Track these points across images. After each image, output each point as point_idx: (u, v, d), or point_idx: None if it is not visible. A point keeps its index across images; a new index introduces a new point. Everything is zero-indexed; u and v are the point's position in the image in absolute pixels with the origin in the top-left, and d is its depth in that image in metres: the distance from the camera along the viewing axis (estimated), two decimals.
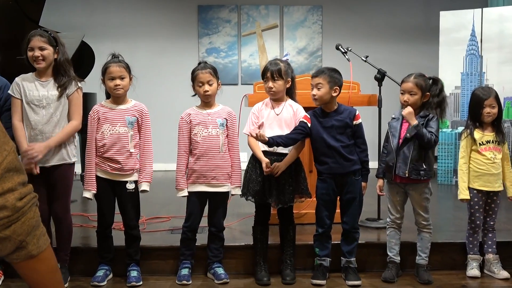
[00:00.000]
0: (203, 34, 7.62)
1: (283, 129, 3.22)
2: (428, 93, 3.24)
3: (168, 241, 3.57)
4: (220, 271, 3.27)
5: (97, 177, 3.20)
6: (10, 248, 1.25)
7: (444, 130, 6.05)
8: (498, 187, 3.37)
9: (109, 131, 3.18)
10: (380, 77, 4.06)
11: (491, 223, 3.42)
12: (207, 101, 3.31)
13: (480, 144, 3.34)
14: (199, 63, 3.33)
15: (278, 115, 3.26)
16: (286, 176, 3.20)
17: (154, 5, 7.61)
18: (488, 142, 3.35)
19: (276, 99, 3.29)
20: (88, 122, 3.23)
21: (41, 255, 1.30)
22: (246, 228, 3.74)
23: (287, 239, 3.33)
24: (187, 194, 3.28)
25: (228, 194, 3.33)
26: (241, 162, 3.37)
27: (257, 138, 3.05)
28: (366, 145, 3.27)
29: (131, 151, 3.20)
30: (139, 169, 3.25)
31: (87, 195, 3.19)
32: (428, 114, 3.22)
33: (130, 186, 3.21)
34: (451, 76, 6.12)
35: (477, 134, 3.36)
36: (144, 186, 3.24)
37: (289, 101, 3.31)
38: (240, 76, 7.62)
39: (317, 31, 7.70)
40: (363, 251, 3.44)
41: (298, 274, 3.31)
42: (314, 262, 3.30)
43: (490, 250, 3.41)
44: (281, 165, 3.16)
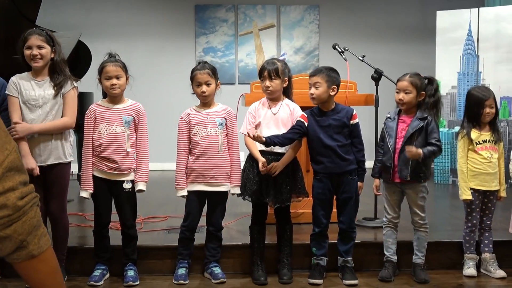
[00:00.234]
0: (200, 34, 7.61)
1: (280, 128, 3.22)
2: (423, 92, 3.25)
3: (165, 241, 3.57)
4: (217, 270, 3.27)
5: (93, 177, 3.19)
6: (10, 247, 1.24)
7: (441, 129, 6.04)
8: (495, 186, 3.38)
9: (106, 130, 3.17)
10: (377, 76, 4.06)
11: (488, 222, 3.43)
12: (205, 102, 3.30)
13: (476, 144, 3.35)
14: (199, 63, 3.32)
15: (275, 114, 3.26)
16: (283, 175, 3.20)
17: (151, 4, 7.59)
18: (485, 141, 3.36)
19: (273, 99, 3.29)
20: (85, 121, 3.22)
21: (42, 255, 1.29)
22: (243, 228, 3.74)
23: (284, 239, 3.34)
24: (186, 193, 3.28)
25: (227, 193, 3.33)
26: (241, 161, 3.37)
27: (254, 138, 3.05)
28: (363, 145, 3.27)
29: (127, 150, 3.19)
30: (136, 169, 3.24)
31: (84, 194, 3.19)
32: (426, 116, 3.23)
33: (127, 186, 3.21)
34: (447, 76, 6.13)
35: (473, 133, 3.36)
36: (141, 186, 3.23)
37: (286, 100, 3.32)
38: (237, 76, 7.62)
39: (314, 31, 7.71)
40: (360, 251, 3.44)
41: (295, 274, 3.32)
42: (311, 262, 3.31)
43: (486, 249, 3.42)
44: (278, 164, 3.16)
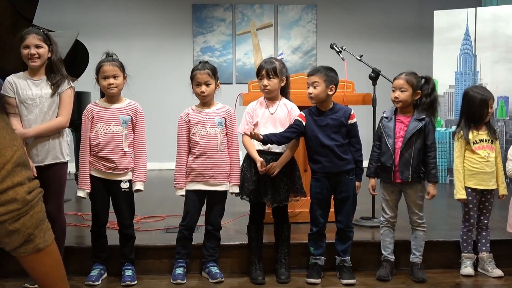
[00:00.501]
0: (197, 33, 7.60)
1: (278, 128, 3.22)
2: (419, 91, 3.25)
3: (163, 240, 3.57)
4: (215, 270, 3.27)
5: (91, 176, 3.19)
6: (18, 241, 1.28)
7: (438, 129, 6.06)
8: (492, 185, 3.39)
9: (103, 130, 3.17)
10: (375, 76, 4.07)
11: (485, 221, 3.44)
12: (204, 102, 3.30)
13: (474, 143, 3.36)
14: (199, 63, 3.31)
15: (272, 114, 3.26)
16: (281, 175, 3.20)
17: (148, 4, 7.59)
18: (482, 140, 3.37)
19: (270, 98, 3.29)
20: (82, 121, 3.22)
21: (47, 248, 1.34)
22: (241, 227, 3.74)
23: (282, 238, 3.34)
24: (184, 193, 3.28)
25: (226, 193, 3.33)
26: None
27: (251, 136, 3.05)
28: (361, 144, 3.27)
29: (125, 150, 3.19)
30: (133, 168, 3.24)
31: (81, 194, 3.18)
32: (423, 117, 3.24)
33: (125, 185, 3.20)
34: (445, 75, 6.14)
35: (470, 133, 3.37)
36: (138, 186, 3.23)
37: (284, 100, 3.32)
38: (234, 75, 7.62)
39: (311, 30, 7.71)
40: (358, 250, 3.45)
41: (292, 273, 3.32)
42: (309, 261, 3.31)
43: (484, 248, 3.43)
44: (277, 164, 3.16)
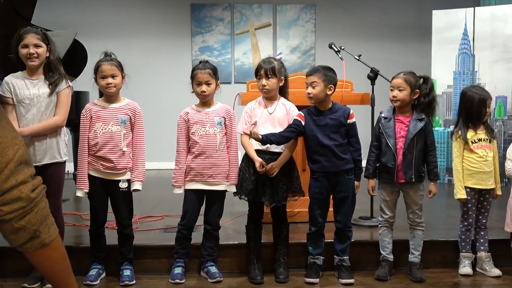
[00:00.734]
0: (196, 33, 7.60)
1: (276, 128, 3.22)
2: (418, 90, 3.26)
3: (161, 240, 3.57)
4: (214, 269, 3.27)
5: (89, 176, 3.18)
6: (25, 237, 1.31)
7: (436, 128, 6.07)
8: (491, 185, 3.39)
9: (102, 129, 3.16)
10: (373, 76, 4.07)
11: (483, 221, 3.44)
12: (204, 101, 3.30)
13: (472, 142, 3.36)
14: (200, 62, 3.31)
15: (271, 114, 3.26)
16: (279, 175, 3.20)
17: (147, 3, 7.58)
18: (480, 140, 3.37)
19: (269, 98, 3.29)
20: (81, 120, 3.21)
21: (52, 243, 1.37)
22: (239, 227, 3.74)
23: (281, 238, 3.34)
24: (182, 191, 3.28)
25: (225, 192, 3.32)
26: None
27: (250, 135, 3.05)
28: (360, 144, 3.27)
29: (123, 150, 3.19)
30: (132, 168, 3.24)
31: (80, 194, 3.18)
32: (423, 117, 3.25)
33: (123, 185, 3.20)
34: (443, 75, 6.14)
35: (468, 133, 3.38)
36: (137, 186, 3.22)
37: (282, 100, 3.31)
38: (233, 75, 7.61)
39: (310, 30, 7.71)
40: (356, 250, 3.45)
41: (291, 273, 3.32)
42: (308, 261, 3.31)
43: (482, 248, 3.43)
44: (276, 165, 3.16)
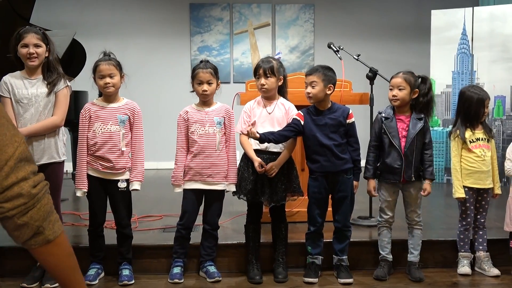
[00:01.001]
0: (195, 32, 7.60)
1: (275, 127, 3.22)
2: (417, 89, 3.26)
3: (160, 240, 3.57)
4: (213, 269, 3.27)
5: (88, 176, 3.18)
6: (28, 234, 1.33)
7: (435, 128, 6.08)
8: (489, 184, 3.40)
9: (101, 129, 3.16)
10: (372, 75, 4.07)
11: (482, 220, 3.44)
12: (205, 100, 3.30)
13: (470, 142, 3.37)
14: (201, 61, 3.31)
15: (270, 113, 3.26)
16: (278, 174, 3.20)
17: (145, 3, 7.58)
18: (478, 139, 3.38)
19: (268, 98, 3.29)
20: (80, 120, 3.21)
21: (57, 239, 1.38)
22: (238, 227, 3.74)
23: (279, 238, 3.34)
24: (182, 191, 3.28)
25: (224, 192, 3.32)
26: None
27: (248, 135, 3.05)
28: (359, 144, 3.27)
29: (122, 149, 3.18)
30: (131, 168, 3.23)
31: (79, 193, 3.18)
32: (422, 117, 3.27)
33: (122, 185, 3.20)
34: (442, 75, 6.15)
35: (466, 132, 3.38)
36: (136, 186, 3.22)
37: (281, 99, 3.31)
38: (232, 75, 7.61)
39: (309, 30, 7.71)
40: (355, 249, 3.45)
41: (290, 272, 3.32)
42: (306, 260, 3.31)
43: (480, 247, 3.43)
44: (275, 165, 3.17)
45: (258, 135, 3.06)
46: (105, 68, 3.14)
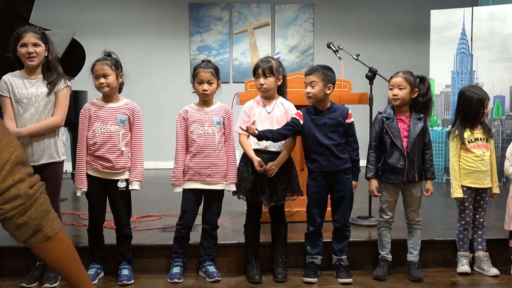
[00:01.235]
0: (194, 32, 7.60)
1: (274, 127, 3.22)
2: (417, 89, 3.27)
3: (160, 240, 3.57)
4: (212, 269, 3.27)
5: (88, 176, 3.18)
6: (28, 232, 1.39)
7: (434, 128, 6.08)
8: (487, 184, 3.40)
9: (100, 129, 3.16)
10: (371, 75, 4.07)
11: (481, 220, 3.45)
12: (205, 100, 3.30)
13: (469, 142, 3.37)
14: (202, 61, 3.31)
15: (269, 113, 3.26)
16: (278, 174, 3.20)
17: (145, 3, 7.57)
18: (477, 139, 3.38)
19: (267, 97, 3.29)
20: (79, 120, 3.21)
21: (56, 236, 1.44)
22: (237, 226, 3.74)
23: (279, 237, 3.34)
24: (181, 190, 3.28)
25: (223, 192, 3.33)
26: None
27: (247, 130, 3.05)
28: (358, 144, 3.27)
29: (122, 149, 3.18)
30: (130, 168, 3.23)
31: (78, 193, 3.19)
32: (421, 117, 3.27)
33: (121, 185, 3.20)
34: (441, 75, 6.15)
35: (465, 132, 3.38)
36: (135, 186, 3.22)
37: (280, 99, 3.31)
38: (231, 74, 7.61)
39: (308, 29, 7.71)
40: (354, 249, 3.45)
41: (289, 272, 3.32)
42: (306, 260, 3.31)
43: (480, 247, 3.44)
44: (275, 165, 3.17)
45: (257, 132, 3.06)
46: (99, 68, 3.14)
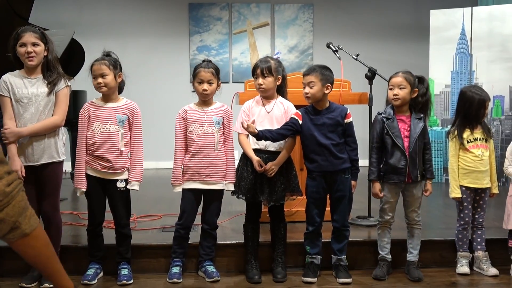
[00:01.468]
0: (194, 32, 7.60)
1: (274, 126, 3.22)
2: (416, 88, 3.27)
3: (159, 239, 3.57)
4: (211, 269, 3.27)
5: (87, 175, 3.18)
6: (5, 229, 1.42)
7: (434, 128, 6.09)
8: (486, 184, 3.40)
9: (100, 129, 3.16)
10: (371, 75, 4.07)
11: (480, 220, 3.45)
12: (205, 100, 3.30)
13: (468, 142, 3.37)
14: (203, 61, 3.30)
15: (269, 112, 3.26)
16: (277, 174, 3.20)
17: (144, 3, 7.57)
18: (476, 139, 3.38)
19: (266, 97, 3.29)
20: (79, 120, 3.21)
21: (33, 232, 1.47)
22: (237, 226, 3.74)
23: (278, 237, 3.34)
24: (181, 190, 3.28)
25: (222, 192, 3.33)
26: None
27: (247, 129, 3.05)
28: (357, 143, 3.27)
29: (121, 149, 3.18)
30: (130, 168, 3.23)
31: (78, 193, 3.19)
32: (422, 117, 3.28)
33: (121, 185, 3.20)
34: (441, 75, 6.16)
35: (465, 132, 3.38)
36: (134, 186, 3.22)
37: (280, 98, 3.31)
38: (231, 74, 7.61)
39: (308, 29, 7.71)
40: (354, 249, 3.45)
41: (289, 272, 3.32)
42: (305, 260, 3.31)
43: (479, 247, 3.44)
44: (275, 164, 3.17)
45: (256, 131, 3.06)
46: (96, 68, 3.15)
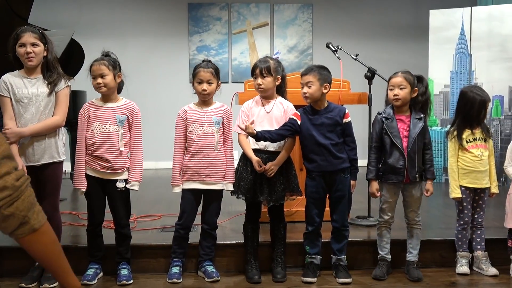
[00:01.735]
0: (193, 32, 7.59)
1: (274, 126, 3.22)
2: (416, 88, 3.27)
3: (159, 240, 3.57)
4: (211, 269, 3.27)
5: (87, 176, 3.18)
6: (15, 224, 1.43)
7: (433, 128, 6.09)
8: (486, 184, 3.40)
9: (99, 129, 3.16)
10: (370, 75, 4.07)
11: (479, 220, 3.45)
12: (204, 100, 3.30)
13: (467, 142, 3.37)
14: (203, 61, 3.31)
15: (268, 112, 3.26)
16: (277, 174, 3.20)
17: (144, 3, 7.57)
18: (475, 139, 3.38)
19: (266, 97, 3.29)
20: (79, 120, 3.21)
21: (42, 228, 1.48)
22: (237, 226, 3.74)
23: (278, 237, 3.34)
24: (180, 190, 3.28)
25: (222, 192, 3.33)
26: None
27: (245, 130, 3.05)
28: (355, 143, 3.28)
29: (121, 149, 3.18)
30: (129, 168, 3.23)
31: (79, 193, 3.19)
32: (421, 116, 3.28)
33: (120, 185, 3.20)
34: (440, 75, 6.15)
35: (464, 132, 3.39)
36: (134, 186, 3.22)
37: (280, 98, 3.31)
38: (230, 74, 7.61)
39: (307, 29, 7.71)
40: (353, 249, 3.45)
41: (288, 272, 3.32)
42: (305, 260, 3.31)
43: (479, 247, 3.44)
44: (274, 164, 3.17)
45: (255, 132, 3.06)
46: (95, 68, 3.15)
